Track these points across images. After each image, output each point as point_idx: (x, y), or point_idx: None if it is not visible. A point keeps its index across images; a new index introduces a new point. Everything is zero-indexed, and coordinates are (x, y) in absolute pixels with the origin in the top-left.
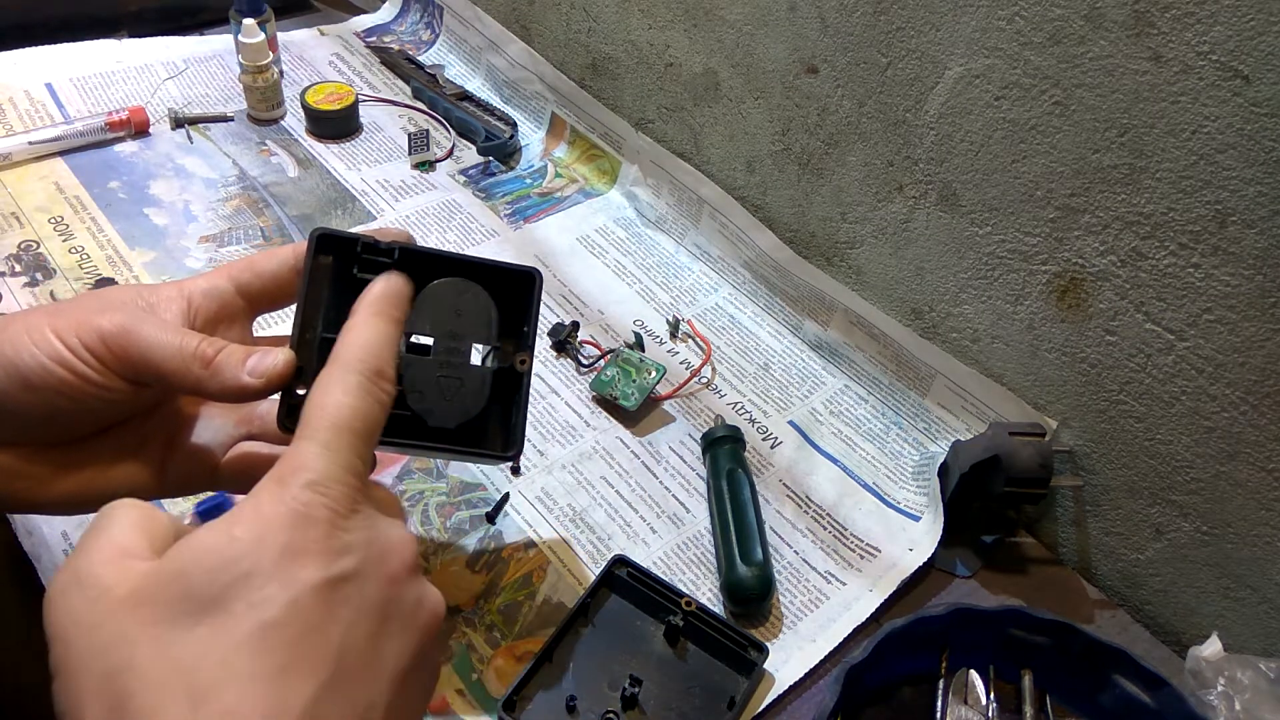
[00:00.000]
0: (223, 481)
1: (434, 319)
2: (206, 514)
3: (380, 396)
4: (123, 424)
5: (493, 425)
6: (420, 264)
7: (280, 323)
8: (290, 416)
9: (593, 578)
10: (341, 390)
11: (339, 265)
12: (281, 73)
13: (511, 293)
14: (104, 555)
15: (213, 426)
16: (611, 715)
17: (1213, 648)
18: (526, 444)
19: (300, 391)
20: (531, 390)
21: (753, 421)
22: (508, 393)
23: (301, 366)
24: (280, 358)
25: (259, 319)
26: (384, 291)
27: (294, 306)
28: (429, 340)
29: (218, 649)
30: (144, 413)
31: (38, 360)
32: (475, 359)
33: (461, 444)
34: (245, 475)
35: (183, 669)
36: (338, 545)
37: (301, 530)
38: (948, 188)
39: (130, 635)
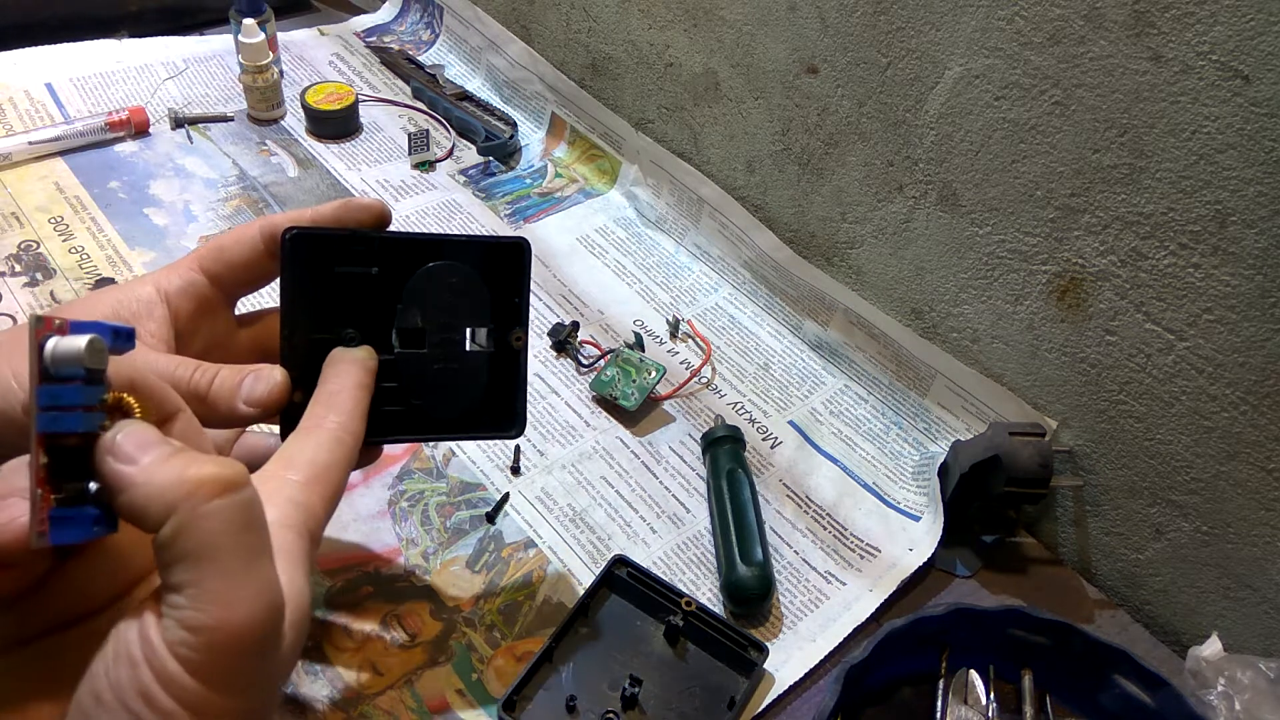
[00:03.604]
0: None
1: (425, 308)
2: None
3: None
4: None
5: (494, 404)
6: (403, 250)
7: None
8: (285, 421)
9: (593, 578)
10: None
11: (317, 260)
12: (281, 73)
13: (500, 266)
14: None
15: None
16: (611, 715)
17: (1213, 648)
18: (526, 444)
19: (296, 399)
20: (532, 392)
21: (753, 421)
22: (506, 370)
23: (295, 375)
24: (274, 382)
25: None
26: (362, 379)
27: (271, 285)
28: (421, 333)
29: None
30: None
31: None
32: (468, 341)
33: (466, 429)
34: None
35: None
36: None
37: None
38: (948, 188)
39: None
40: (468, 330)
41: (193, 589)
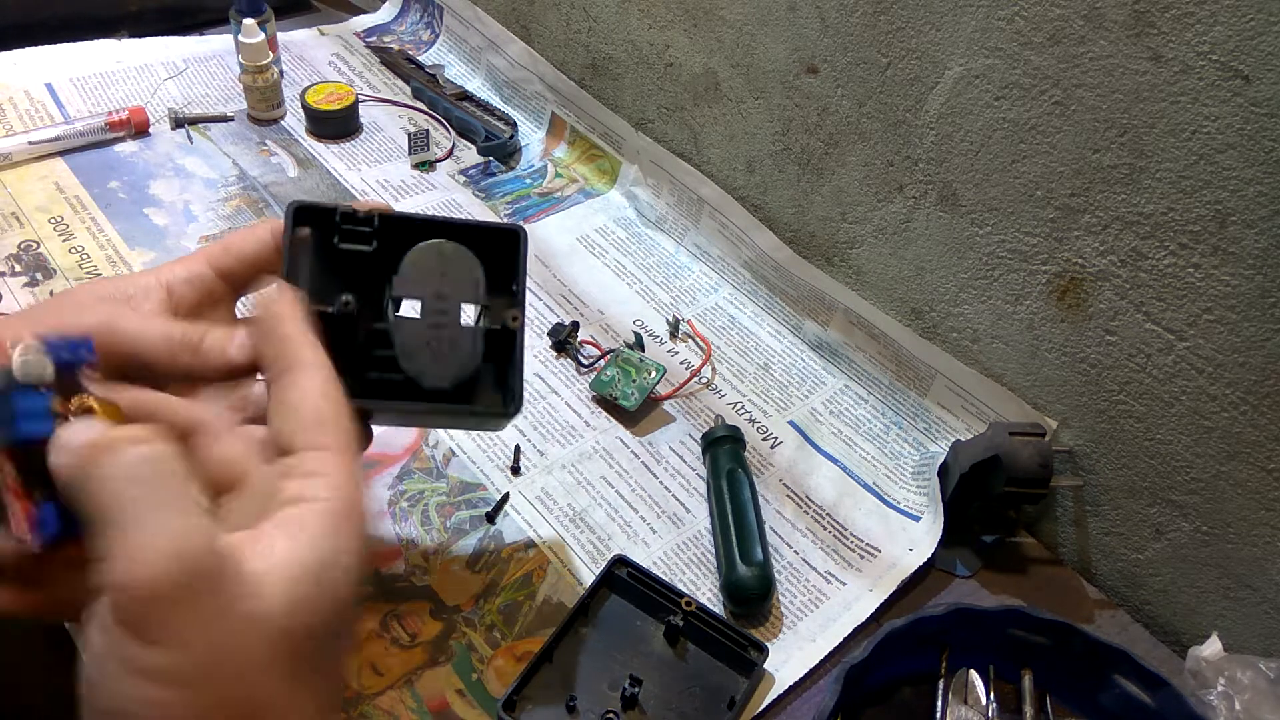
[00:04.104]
0: None
1: (420, 282)
2: None
3: None
4: None
5: (490, 386)
6: (403, 230)
7: None
8: None
9: (593, 578)
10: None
11: (319, 236)
12: (281, 73)
13: (497, 251)
14: (240, 548)
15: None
16: (611, 715)
17: (1213, 648)
18: (526, 444)
19: None
20: (532, 392)
21: (753, 421)
22: (502, 352)
23: None
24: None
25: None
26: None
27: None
28: (417, 303)
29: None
30: None
31: None
32: (465, 320)
33: (461, 401)
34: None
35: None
36: None
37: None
38: (948, 188)
39: (272, 685)
40: (464, 307)
41: (103, 549)
